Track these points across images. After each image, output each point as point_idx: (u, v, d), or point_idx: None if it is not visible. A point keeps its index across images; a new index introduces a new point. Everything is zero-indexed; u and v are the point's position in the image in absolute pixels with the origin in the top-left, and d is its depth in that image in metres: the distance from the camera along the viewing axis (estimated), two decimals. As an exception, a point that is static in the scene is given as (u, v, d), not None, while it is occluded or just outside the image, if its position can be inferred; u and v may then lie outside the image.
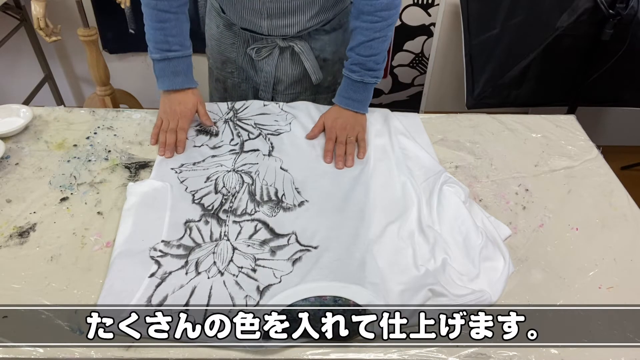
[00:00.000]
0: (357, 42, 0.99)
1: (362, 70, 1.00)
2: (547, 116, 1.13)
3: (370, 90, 1.04)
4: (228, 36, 1.13)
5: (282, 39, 1.07)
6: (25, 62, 2.21)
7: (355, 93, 1.02)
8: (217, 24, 1.14)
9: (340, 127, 1.00)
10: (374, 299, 0.70)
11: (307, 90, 1.16)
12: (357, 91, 1.02)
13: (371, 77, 1.01)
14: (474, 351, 0.67)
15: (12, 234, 0.82)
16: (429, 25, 2.16)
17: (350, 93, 1.03)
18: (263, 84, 1.15)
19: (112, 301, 0.71)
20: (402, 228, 0.82)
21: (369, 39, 0.97)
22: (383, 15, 0.96)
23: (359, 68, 1.00)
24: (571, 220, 0.88)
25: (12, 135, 1.02)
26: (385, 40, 0.99)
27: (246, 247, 0.79)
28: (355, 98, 1.02)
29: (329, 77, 1.16)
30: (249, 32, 1.09)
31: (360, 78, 1.01)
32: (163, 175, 0.92)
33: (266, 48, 1.09)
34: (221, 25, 1.13)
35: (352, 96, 1.02)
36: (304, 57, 1.09)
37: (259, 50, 1.10)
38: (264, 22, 1.04)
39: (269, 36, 1.07)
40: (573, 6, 1.48)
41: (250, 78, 1.18)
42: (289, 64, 1.12)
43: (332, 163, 0.96)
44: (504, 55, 1.67)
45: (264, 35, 1.07)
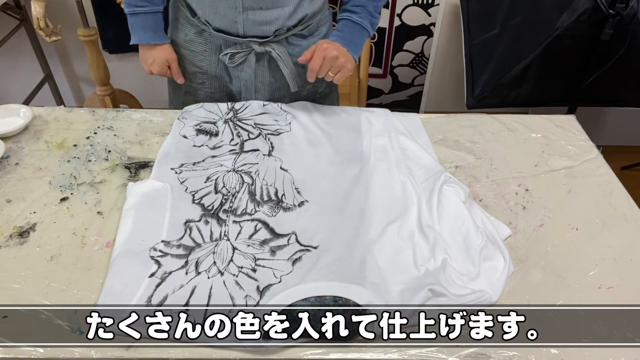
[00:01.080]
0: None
1: (363, 13, 1.01)
2: (547, 116, 1.13)
3: (364, 40, 1.04)
4: (198, 43, 1.10)
5: (258, 43, 1.05)
6: (25, 62, 2.21)
7: (352, 34, 1.02)
8: (186, 33, 1.11)
9: (332, 56, 0.98)
10: (374, 299, 0.70)
11: (285, 98, 1.14)
12: (355, 33, 1.02)
13: (369, 23, 1.02)
14: (474, 351, 0.67)
15: (12, 234, 0.82)
16: (429, 25, 2.16)
17: (347, 34, 1.02)
18: (244, 92, 1.13)
19: (112, 301, 0.71)
20: (402, 228, 0.82)
21: None
22: None
23: (361, 10, 1.01)
24: (571, 220, 0.88)
25: (12, 135, 1.02)
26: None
27: (246, 247, 0.79)
28: (352, 39, 1.02)
29: (308, 86, 1.14)
30: (223, 34, 1.06)
31: (360, 20, 1.01)
32: (163, 175, 0.92)
33: (241, 53, 1.07)
34: (190, 33, 1.10)
35: (350, 37, 1.01)
36: (281, 63, 1.07)
37: (232, 56, 1.07)
38: (239, 17, 1.02)
39: (244, 38, 1.05)
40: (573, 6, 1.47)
41: (225, 86, 1.15)
42: (267, 72, 1.10)
43: (331, 163, 0.96)
44: (504, 55, 1.67)
45: (238, 38, 1.05)
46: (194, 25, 1.09)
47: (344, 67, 1.00)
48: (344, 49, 1.01)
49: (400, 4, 2.10)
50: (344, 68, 1.00)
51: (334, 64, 0.99)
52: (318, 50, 0.98)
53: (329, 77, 1.01)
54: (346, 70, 1.01)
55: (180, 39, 1.13)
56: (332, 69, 0.99)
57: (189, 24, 1.10)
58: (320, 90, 1.21)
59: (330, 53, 0.98)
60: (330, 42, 1.01)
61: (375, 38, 2.20)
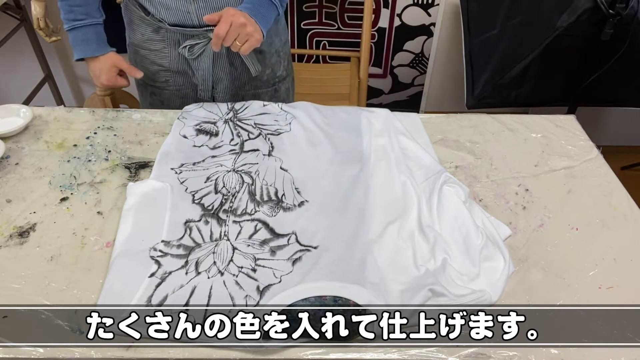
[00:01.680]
0: None
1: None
2: (547, 116, 1.13)
3: (272, 16, 1.01)
4: (156, 41, 1.11)
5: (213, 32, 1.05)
6: (25, 62, 2.21)
7: (261, 7, 0.99)
8: (142, 33, 1.12)
9: (239, 23, 0.94)
10: (374, 299, 0.70)
11: (246, 84, 1.15)
12: (263, 6, 0.99)
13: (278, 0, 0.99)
14: (474, 351, 0.67)
15: (12, 234, 0.82)
16: (429, 25, 2.16)
17: (256, 5, 0.99)
18: (201, 83, 1.14)
19: (112, 301, 0.71)
20: (402, 228, 0.82)
21: None
22: None
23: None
24: (571, 220, 0.88)
25: (12, 135, 1.02)
26: None
27: (246, 247, 0.79)
28: (260, 11, 0.99)
29: (268, 71, 1.15)
30: (179, 27, 1.07)
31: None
32: (163, 175, 0.92)
33: (199, 44, 1.08)
34: (147, 32, 1.11)
35: (258, 9, 0.99)
36: None
37: (191, 48, 1.08)
38: (191, 6, 1.03)
39: (200, 28, 1.06)
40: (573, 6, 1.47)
41: (189, 81, 1.16)
42: (225, 60, 1.11)
43: (331, 163, 0.96)
44: (504, 55, 1.67)
45: (195, 29, 1.06)
46: (149, 24, 1.09)
47: (251, 37, 0.96)
48: (252, 19, 0.97)
49: (400, 4, 2.10)
50: (252, 38, 0.96)
51: (241, 31, 0.95)
52: (225, 15, 0.94)
53: (235, 47, 0.97)
54: (254, 41, 0.97)
55: (137, 40, 1.14)
56: (240, 38, 0.95)
57: (144, 24, 1.10)
58: (279, 74, 1.22)
59: (237, 20, 0.94)
60: (237, 10, 0.97)
61: (375, 38, 2.20)
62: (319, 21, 2.17)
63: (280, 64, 1.07)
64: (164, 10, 1.05)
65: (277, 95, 1.26)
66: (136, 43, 1.14)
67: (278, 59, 1.08)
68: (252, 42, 0.97)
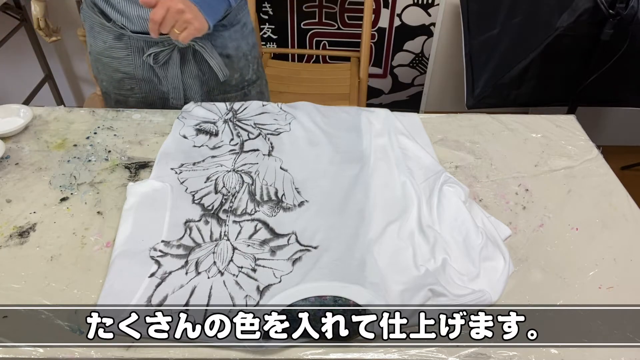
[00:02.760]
0: None
1: None
2: (547, 116, 1.13)
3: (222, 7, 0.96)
4: (119, 49, 1.08)
5: None
6: (25, 62, 2.21)
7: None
8: (104, 40, 1.08)
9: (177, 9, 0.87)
10: (374, 299, 0.70)
11: (215, 89, 1.14)
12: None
13: None
14: (474, 351, 0.67)
15: (12, 234, 0.82)
16: (429, 25, 2.16)
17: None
18: (172, 91, 1.12)
19: (112, 301, 0.71)
20: (402, 228, 0.82)
21: None
22: None
23: None
24: (571, 220, 0.88)
25: (12, 135, 1.02)
26: None
27: (246, 247, 0.79)
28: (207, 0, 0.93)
29: (236, 75, 1.14)
30: (142, 35, 1.05)
31: None
32: (163, 175, 0.92)
33: (164, 52, 1.06)
34: (109, 39, 1.08)
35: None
36: (207, 54, 1.06)
37: (156, 56, 1.06)
38: None
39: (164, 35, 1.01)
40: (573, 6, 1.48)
41: (155, 89, 1.14)
42: (193, 66, 1.09)
43: (331, 163, 0.96)
44: (504, 55, 1.67)
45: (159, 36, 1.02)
46: (111, 31, 1.07)
47: (190, 25, 0.90)
48: (195, 6, 0.91)
49: (400, 4, 2.10)
50: (191, 25, 0.90)
51: (178, 18, 0.89)
52: (163, 0, 0.88)
53: (173, 34, 0.91)
54: (193, 29, 0.91)
55: (99, 47, 1.11)
56: (178, 25, 0.89)
57: (105, 31, 1.07)
58: (248, 78, 1.21)
59: (175, 5, 0.87)
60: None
61: (375, 38, 2.20)
62: (319, 21, 2.17)
63: (249, 67, 1.04)
64: (125, 19, 1.03)
65: (248, 99, 1.23)
66: (98, 51, 1.11)
67: (246, 62, 1.06)
68: (190, 30, 0.90)
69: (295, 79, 1.98)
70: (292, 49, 2.26)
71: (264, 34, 2.22)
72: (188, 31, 0.90)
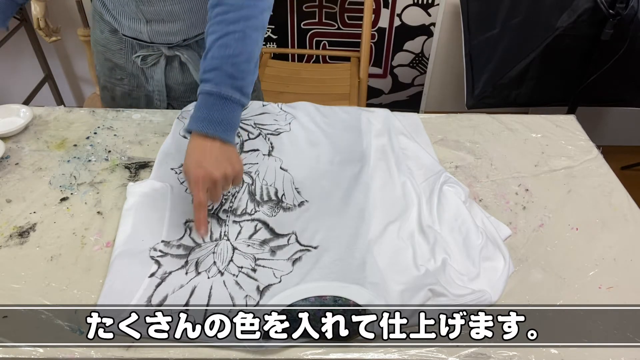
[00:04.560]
0: (209, 44, 0.77)
1: (219, 77, 0.75)
2: (547, 116, 1.13)
3: (233, 110, 0.76)
4: (114, 42, 1.10)
5: (167, 47, 1.06)
6: (25, 62, 2.21)
7: (210, 110, 0.75)
8: (102, 29, 1.11)
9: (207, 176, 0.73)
10: (374, 299, 0.70)
11: None
12: (214, 107, 0.75)
13: (232, 87, 0.75)
14: (474, 351, 0.67)
15: (12, 234, 0.82)
16: (429, 25, 2.16)
17: (204, 111, 0.75)
18: (157, 93, 1.14)
19: (112, 301, 0.71)
20: (402, 228, 0.82)
21: (221, 34, 0.75)
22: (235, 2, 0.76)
23: (214, 75, 0.75)
24: (571, 220, 0.88)
25: (12, 135, 1.02)
26: (245, 38, 0.75)
27: (246, 247, 0.79)
28: (211, 117, 0.74)
29: None
30: (132, 39, 1.07)
31: (217, 89, 0.74)
32: (163, 175, 0.92)
33: (152, 56, 1.07)
34: (106, 30, 1.10)
35: (208, 115, 0.75)
36: (191, 66, 1.07)
37: (144, 58, 1.08)
38: (143, 27, 1.03)
39: (153, 44, 1.05)
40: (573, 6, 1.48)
41: (142, 86, 1.15)
42: (178, 73, 1.10)
43: (331, 163, 0.96)
44: (504, 55, 1.67)
45: (147, 43, 1.06)
46: (107, 24, 1.09)
47: (236, 178, 0.77)
48: (207, 142, 0.74)
49: (400, 4, 2.10)
50: (236, 179, 0.77)
51: (221, 185, 0.75)
52: (192, 189, 0.74)
53: None
54: (237, 180, 0.78)
55: (97, 35, 1.14)
56: (225, 187, 0.77)
57: (103, 22, 1.10)
58: None
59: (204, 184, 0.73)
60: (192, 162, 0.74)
61: (375, 38, 2.20)
62: (319, 21, 2.17)
63: None
64: (117, 24, 1.06)
65: None
66: (96, 38, 1.15)
67: None
68: (237, 181, 0.78)
69: (295, 79, 1.98)
70: (292, 49, 2.26)
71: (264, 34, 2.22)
72: (236, 182, 0.79)
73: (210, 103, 0.75)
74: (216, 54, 0.75)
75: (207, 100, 0.75)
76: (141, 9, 0.99)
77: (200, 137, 0.75)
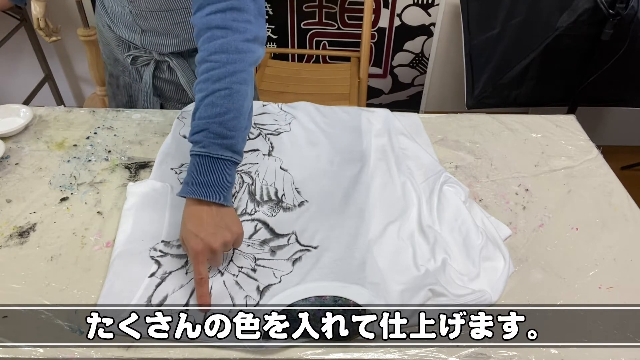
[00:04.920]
0: (196, 104, 0.75)
1: (207, 139, 0.72)
2: (547, 116, 1.13)
3: (226, 170, 0.73)
4: (112, 37, 1.14)
5: (158, 53, 1.08)
6: (25, 62, 2.21)
7: (201, 174, 0.72)
8: (102, 23, 1.14)
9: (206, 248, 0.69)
10: (374, 299, 0.70)
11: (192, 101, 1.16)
12: (205, 170, 0.72)
13: (221, 147, 0.72)
14: (474, 351, 0.67)
15: (12, 234, 0.82)
16: (429, 25, 2.16)
17: (195, 175, 0.72)
18: (144, 94, 1.16)
19: (112, 301, 0.71)
20: (402, 228, 0.82)
21: (207, 92, 0.73)
22: (219, 59, 0.73)
23: (202, 136, 0.72)
24: (571, 220, 0.88)
25: (12, 135, 1.02)
26: (232, 95, 0.73)
27: (246, 247, 0.79)
28: (201, 181, 0.72)
29: None
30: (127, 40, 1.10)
31: (206, 151, 0.72)
32: (163, 175, 0.92)
33: (142, 58, 1.10)
34: (105, 25, 1.14)
35: (199, 179, 0.72)
36: (179, 72, 1.09)
37: (135, 59, 1.10)
38: (137, 36, 1.06)
39: (145, 48, 1.09)
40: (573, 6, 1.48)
41: (136, 81, 1.18)
42: (168, 77, 1.12)
43: (331, 163, 0.96)
44: (504, 55, 1.67)
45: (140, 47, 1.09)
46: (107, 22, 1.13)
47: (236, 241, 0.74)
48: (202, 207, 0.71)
49: (400, 4, 2.10)
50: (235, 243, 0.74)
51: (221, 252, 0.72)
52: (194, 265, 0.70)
53: None
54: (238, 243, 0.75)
55: (99, 27, 1.17)
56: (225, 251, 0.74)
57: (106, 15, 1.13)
58: None
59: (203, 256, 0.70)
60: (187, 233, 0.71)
61: (375, 38, 2.20)
62: (319, 21, 2.17)
63: None
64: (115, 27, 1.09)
65: None
66: (99, 28, 1.18)
67: None
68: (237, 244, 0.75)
69: (295, 79, 1.98)
70: (292, 49, 2.26)
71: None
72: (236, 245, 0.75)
73: (201, 166, 0.72)
74: (203, 114, 0.73)
75: (197, 162, 0.73)
76: (137, 23, 1.03)
77: (195, 203, 0.72)
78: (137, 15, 1.02)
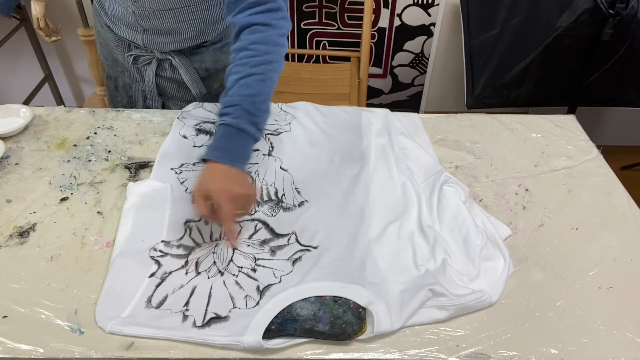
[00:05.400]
0: (230, 83, 0.81)
1: (238, 112, 0.79)
2: (547, 116, 1.13)
3: (248, 143, 0.80)
4: (112, 38, 1.14)
5: (160, 51, 1.09)
6: (25, 62, 2.21)
7: (227, 141, 0.79)
8: (101, 24, 1.14)
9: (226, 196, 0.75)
10: (374, 299, 0.70)
11: (195, 99, 1.16)
12: (231, 139, 0.79)
13: (249, 122, 0.79)
14: (474, 351, 0.67)
15: (12, 234, 0.82)
16: (429, 25, 2.16)
17: (222, 141, 0.79)
18: (148, 93, 1.16)
19: (112, 301, 0.71)
20: (402, 228, 0.82)
21: (244, 75, 0.80)
22: (260, 48, 0.82)
23: (234, 110, 0.79)
24: (571, 220, 0.88)
25: (12, 135, 1.02)
26: (265, 80, 0.81)
27: (246, 247, 0.79)
28: (228, 148, 0.79)
29: (216, 85, 1.16)
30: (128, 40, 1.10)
31: (236, 122, 0.78)
32: (163, 175, 0.92)
33: (144, 57, 1.10)
34: (104, 25, 1.13)
35: (226, 146, 0.79)
36: (182, 70, 1.09)
37: (136, 58, 1.11)
38: (138, 35, 1.07)
39: (147, 48, 1.09)
40: (573, 6, 1.47)
41: (138, 82, 1.18)
42: (170, 75, 1.13)
43: (331, 163, 0.96)
44: (504, 55, 1.67)
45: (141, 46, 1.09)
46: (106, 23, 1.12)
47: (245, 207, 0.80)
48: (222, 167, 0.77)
49: (400, 4, 2.10)
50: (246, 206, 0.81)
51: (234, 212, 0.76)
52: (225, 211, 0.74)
53: None
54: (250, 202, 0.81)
55: (98, 28, 1.17)
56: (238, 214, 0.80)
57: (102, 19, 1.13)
58: None
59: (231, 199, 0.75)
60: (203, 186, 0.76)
61: (375, 38, 2.20)
62: (319, 21, 2.17)
63: None
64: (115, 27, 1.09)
65: None
66: (98, 29, 1.18)
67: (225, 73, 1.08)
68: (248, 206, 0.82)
69: (295, 79, 1.98)
70: (292, 49, 2.26)
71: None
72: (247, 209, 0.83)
73: (228, 134, 0.79)
74: (236, 92, 0.81)
75: (225, 131, 0.79)
76: (140, 22, 1.03)
77: (216, 165, 0.78)
78: (140, 15, 1.02)
